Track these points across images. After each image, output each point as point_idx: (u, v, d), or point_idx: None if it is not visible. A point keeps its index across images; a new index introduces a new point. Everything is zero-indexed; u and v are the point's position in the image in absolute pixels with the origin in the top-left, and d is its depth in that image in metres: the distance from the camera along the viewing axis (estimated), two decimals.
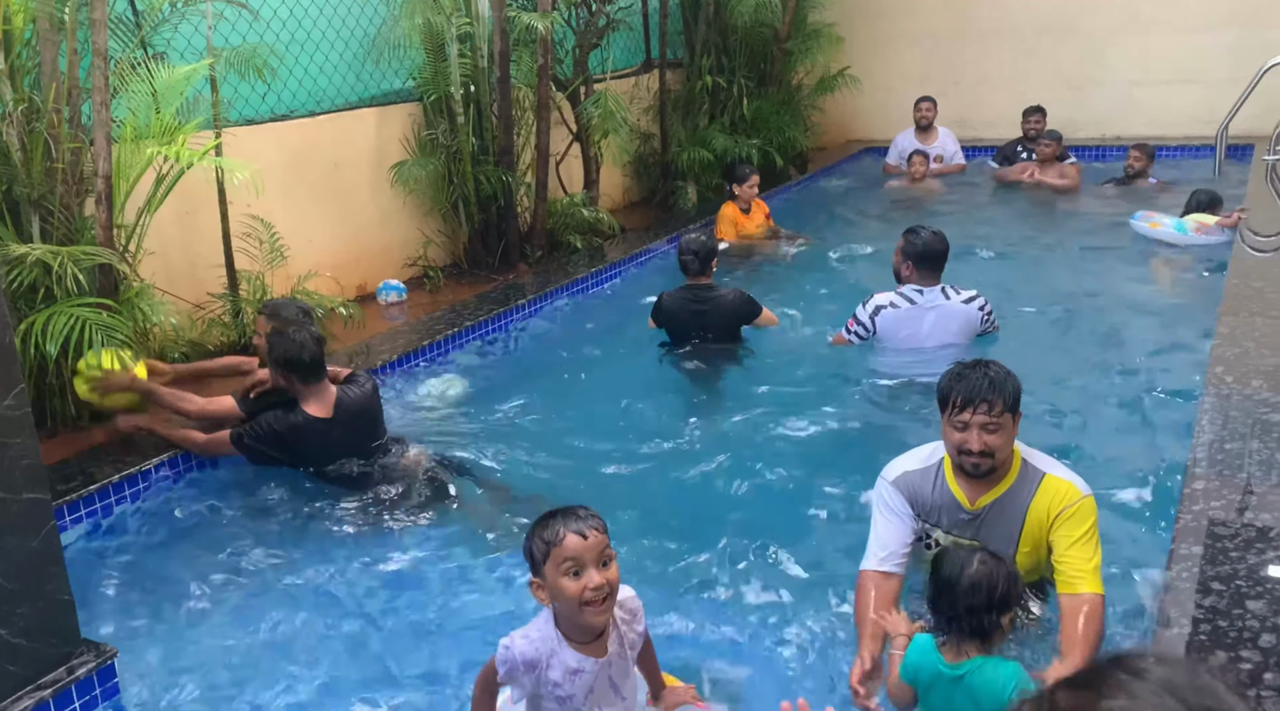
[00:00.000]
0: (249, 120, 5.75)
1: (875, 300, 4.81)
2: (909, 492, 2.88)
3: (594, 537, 2.14)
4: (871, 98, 11.42)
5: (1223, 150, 9.08)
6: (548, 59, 6.88)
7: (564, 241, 7.34)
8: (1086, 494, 2.75)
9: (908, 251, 4.71)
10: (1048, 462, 2.84)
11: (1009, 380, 2.73)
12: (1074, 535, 2.69)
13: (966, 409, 2.69)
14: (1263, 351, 4.25)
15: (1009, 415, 2.70)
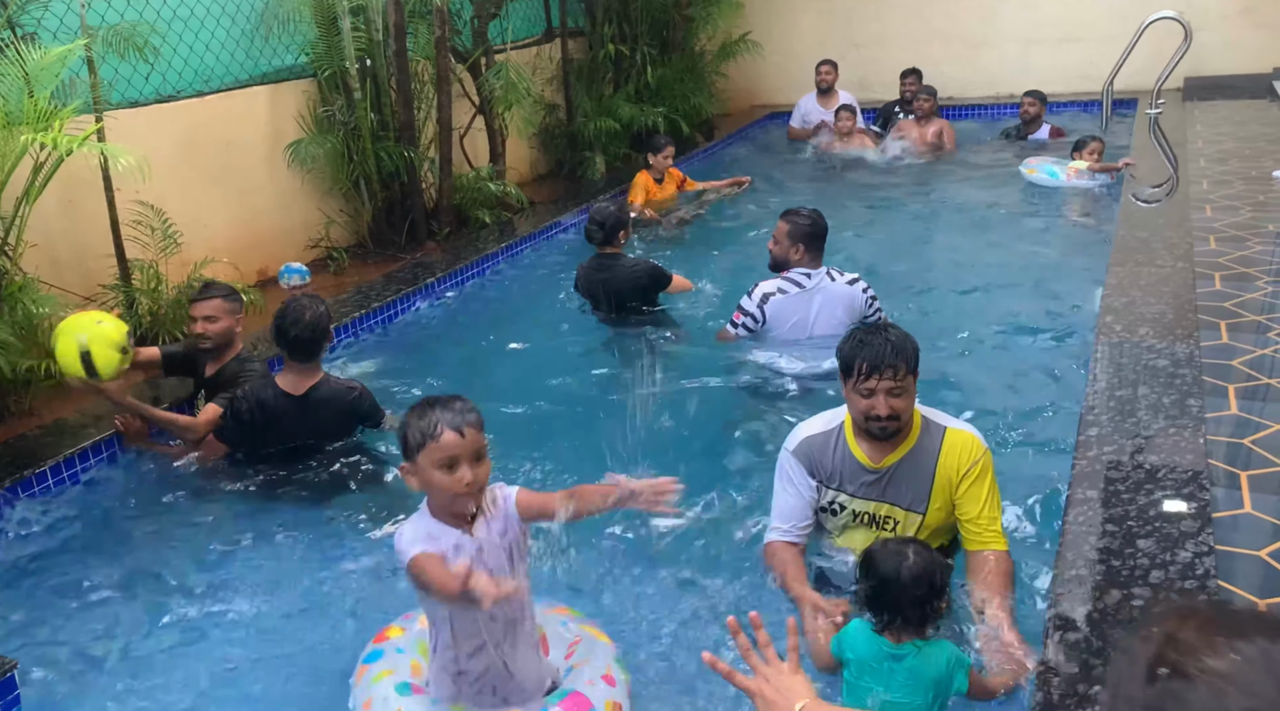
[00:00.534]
0: (133, 102, 5.52)
1: (761, 288, 4.49)
2: (809, 459, 2.90)
3: (470, 435, 2.20)
4: (773, 62, 11.51)
5: (1109, 105, 9.47)
6: (445, 30, 6.74)
7: (472, 217, 7.24)
8: (986, 447, 2.84)
9: (796, 233, 4.41)
10: (944, 417, 2.91)
11: (908, 342, 2.77)
12: (981, 495, 2.78)
13: (872, 375, 2.71)
14: (1148, 300, 4.45)
15: (911, 377, 2.75)
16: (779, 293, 4.46)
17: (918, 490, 2.83)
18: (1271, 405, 3.39)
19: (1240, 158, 6.99)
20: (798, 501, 2.90)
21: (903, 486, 2.82)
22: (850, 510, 2.89)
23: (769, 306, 4.46)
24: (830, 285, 4.45)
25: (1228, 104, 9.02)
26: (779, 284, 4.48)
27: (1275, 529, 2.70)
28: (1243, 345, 3.89)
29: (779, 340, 4.51)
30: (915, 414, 2.86)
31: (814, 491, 2.90)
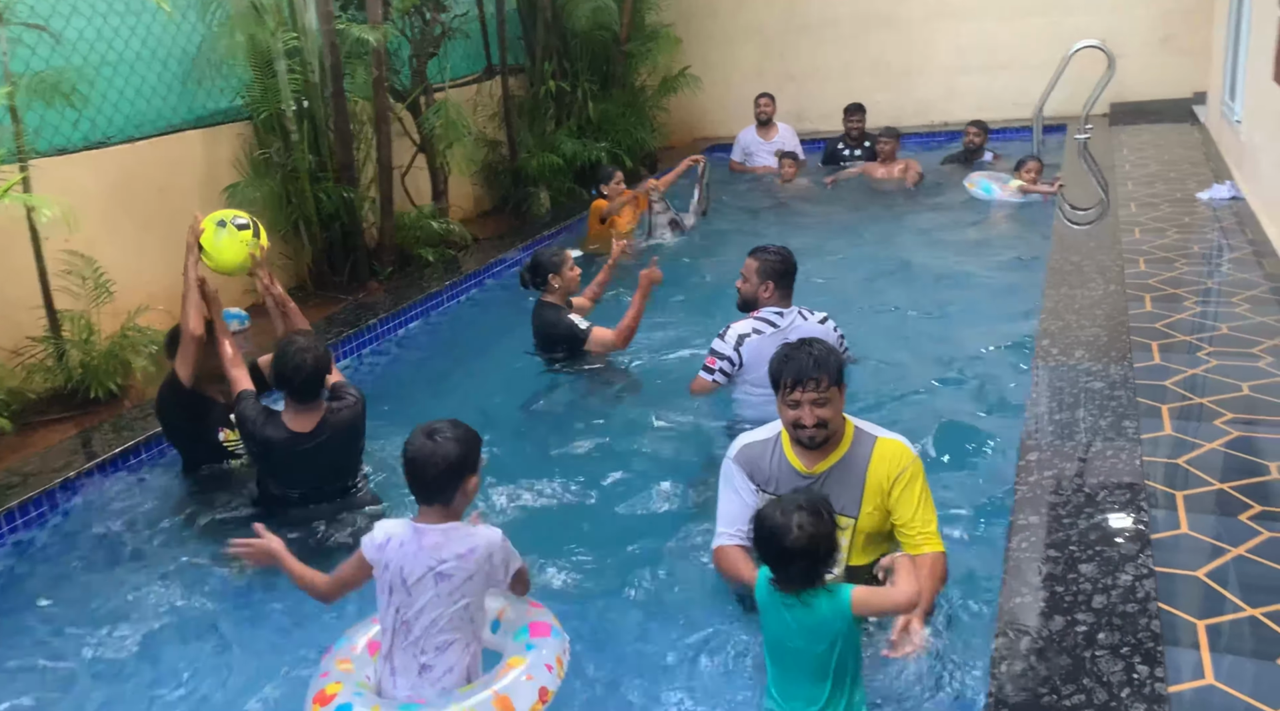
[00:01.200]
0: (61, 149, 5.40)
1: (735, 329, 4.25)
2: (749, 465, 3.05)
3: None
4: (712, 95, 11.66)
5: (1039, 130, 9.67)
6: (383, 71, 6.72)
7: (415, 255, 7.19)
8: (915, 455, 2.97)
9: (767, 271, 4.23)
10: (876, 428, 3.03)
11: (831, 356, 2.92)
12: (913, 500, 2.89)
13: (797, 388, 2.87)
14: (1083, 323, 4.54)
15: (835, 388, 2.89)
16: (754, 333, 4.21)
17: (850, 495, 2.93)
18: (1204, 425, 3.47)
19: (1165, 180, 7.21)
20: (741, 506, 3.00)
21: (835, 491, 2.89)
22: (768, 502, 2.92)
23: (745, 348, 4.20)
24: (803, 324, 4.24)
25: (1151, 128, 9.31)
26: (753, 324, 4.25)
27: (1212, 548, 2.75)
28: (1175, 365, 3.99)
29: (758, 383, 4.14)
30: (848, 424, 2.99)
31: (754, 495, 3.01)
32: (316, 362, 3.57)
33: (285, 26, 6.27)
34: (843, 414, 2.98)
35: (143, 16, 5.91)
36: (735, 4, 11.67)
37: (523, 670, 2.55)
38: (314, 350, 3.58)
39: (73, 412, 4.80)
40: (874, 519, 2.92)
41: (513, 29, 9.49)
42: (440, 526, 2.54)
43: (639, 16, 10.35)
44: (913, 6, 11.07)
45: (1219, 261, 5.36)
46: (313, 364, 3.56)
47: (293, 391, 3.61)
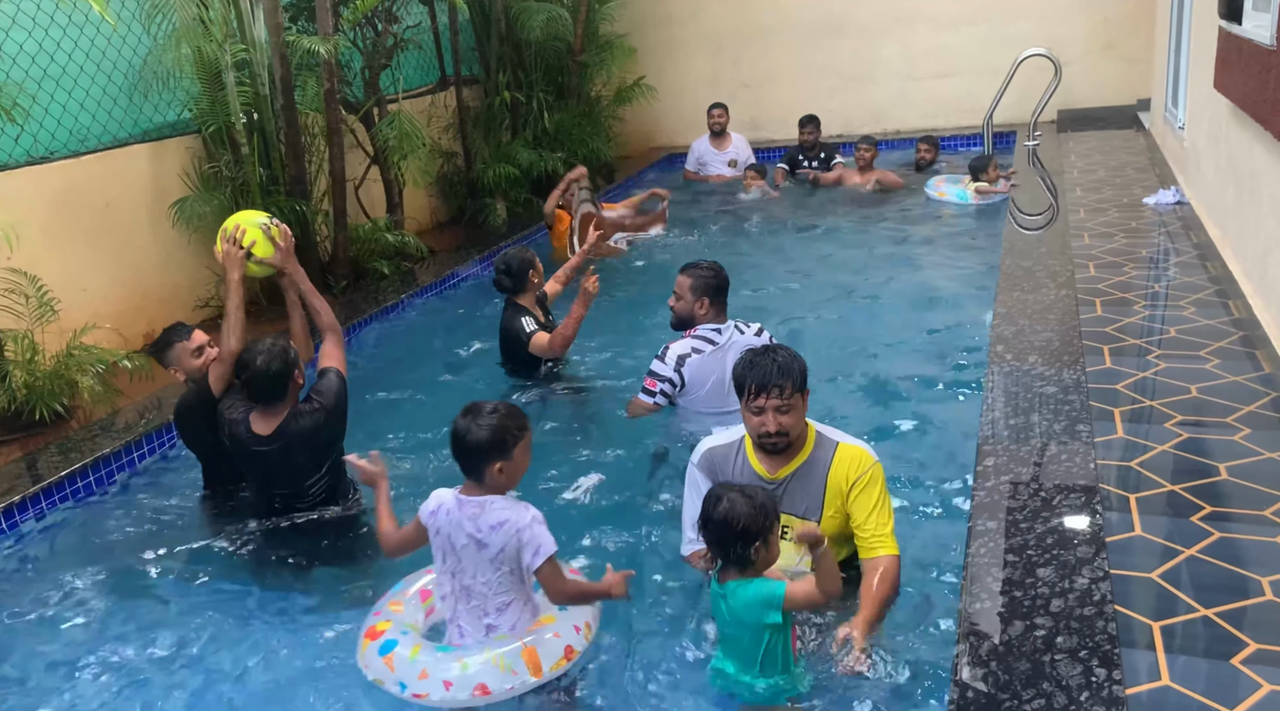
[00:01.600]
0: (2, 166, 5.28)
1: (674, 350, 4.15)
2: (711, 470, 3.07)
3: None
4: (667, 103, 11.71)
5: (990, 138, 9.86)
6: (334, 83, 6.65)
7: (370, 268, 7.12)
8: (876, 459, 2.99)
9: (701, 288, 4.14)
10: (838, 434, 3.06)
11: (795, 362, 2.93)
12: (870, 503, 2.92)
13: (760, 394, 2.88)
14: (1036, 327, 4.60)
15: (799, 395, 2.91)
16: (694, 353, 4.13)
17: (811, 500, 2.97)
18: (1155, 427, 3.53)
19: (1113, 186, 7.35)
20: None
21: (797, 496, 2.97)
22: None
23: (686, 368, 4.12)
24: (740, 338, 4.18)
25: (1098, 134, 9.50)
26: (692, 344, 4.16)
27: (1165, 550, 2.80)
28: (1125, 369, 4.05)
29: (699, 403, 4.17)
30: (810, 430, 3.02)
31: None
32: (271, 365, 3.52)
33: (233, 38, 6.19)
34: (805, 420, 3.00)
35: (86, 29, 5.80)
36: (689, 13, 11.72)
37: (552, 627, 2.79)
38: (271, 353, 3.53)
39: (17, 435, 4.68)
40: (835, 522, 2.96)
41: (466, 40, 9.46)
42: (478, 498, 2.74)
43: (593, 27, 10.36)
44: (864, 14, 11.19)
45: (1166, 265, 5.47)
46: (265, 366, 3.51)
47: (252, 393, 3.60)
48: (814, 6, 11.32)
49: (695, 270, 4.19)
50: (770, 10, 11.47)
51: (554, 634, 2.78)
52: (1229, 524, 2.89)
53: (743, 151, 10.12)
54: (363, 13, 6.97)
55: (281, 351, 3.56)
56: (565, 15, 9.30)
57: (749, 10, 11.54)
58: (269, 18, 6.21)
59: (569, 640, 2.79)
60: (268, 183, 6.50)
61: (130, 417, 4.79)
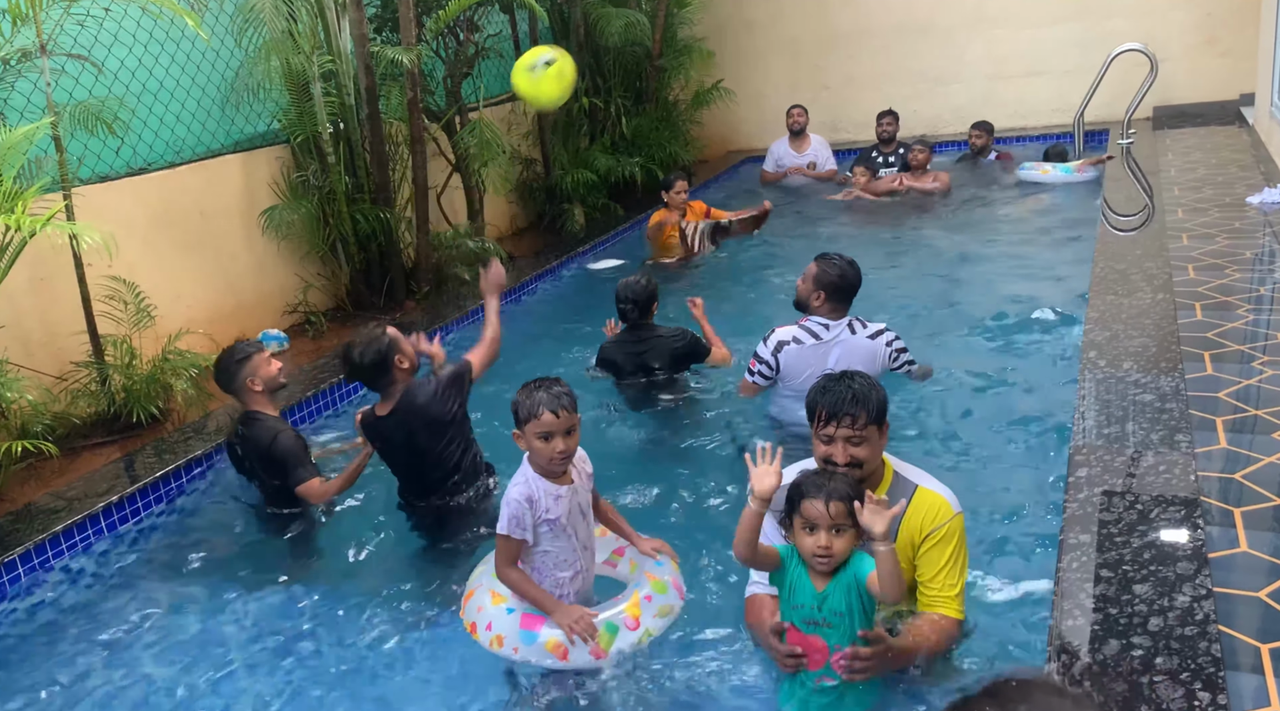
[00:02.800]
0: (103, 177, 5.49)
1: (777, 335, 4.24)
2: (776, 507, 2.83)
3: (564, 416, 2.79)
4: (746, 107, 11.64)
5: (1081, 136, 9.57)
6: (417, 92, 6.76)
7: (451, 274, 7.21)
8: (958, 511, 2.75)
9: (820, 280, 4.14)
10: (919, 474, 2.84)
11: (873, 392, 2.72)
12: (940, 560, 2.70)
13: (831, 422, 2.70)
14: (1130, 333, 4.42)
15: (874, 427, 2.70)
16: (794, 342, 4.19)
17: None
18: (1260, 437, 3.35)
19: (1213, 185, 7.04)
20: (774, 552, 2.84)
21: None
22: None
23: (783, 355, 4.20)
24: (850, 337, 4.16)
25: (1197, 132, 9.11)
26: (795, 332, 4.21)
27: (1273, 568, 2.65)
28: (1228, 376, 3.86)
29: (794, 392, 4.20)
30: (887, 467, 2.81)
31: (783, 540, 2.81)
32: (365, 356, 3.73)
33: (320, 50, 6.34)
34: (882, 455, 2.81)
35: (182, 44, 6.01)
36: (769, 17, 11.63)
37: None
38: (365, 344, 3.74)
39: (115, 436, 4.86)
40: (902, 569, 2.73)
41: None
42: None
43: (671, 31, 10.34)
44: (948, 14, 10.95)
45: (1271, 268, 5.20)
46: (360, 358, 3.73)
47: (362, 383, 3.88)
48: (895, 9, 11.12)
49: (823, 261, 4.19)
50: (851, 15, 11.31)
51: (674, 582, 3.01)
52: None
53: (821, 152, 10.01)
54: (445, 22, 7.08)
55: (374, 340, 3.75)
56: (644, 20, 9.31)
57: (828, 15, 11.40)
58: (355, 29, 6.36)
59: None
60: (353, 191, 6.65)
61: (221, 420, 4.92)
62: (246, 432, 3.97)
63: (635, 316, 4.88)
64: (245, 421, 4.00)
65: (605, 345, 5.02)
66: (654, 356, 4.87)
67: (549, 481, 2.87)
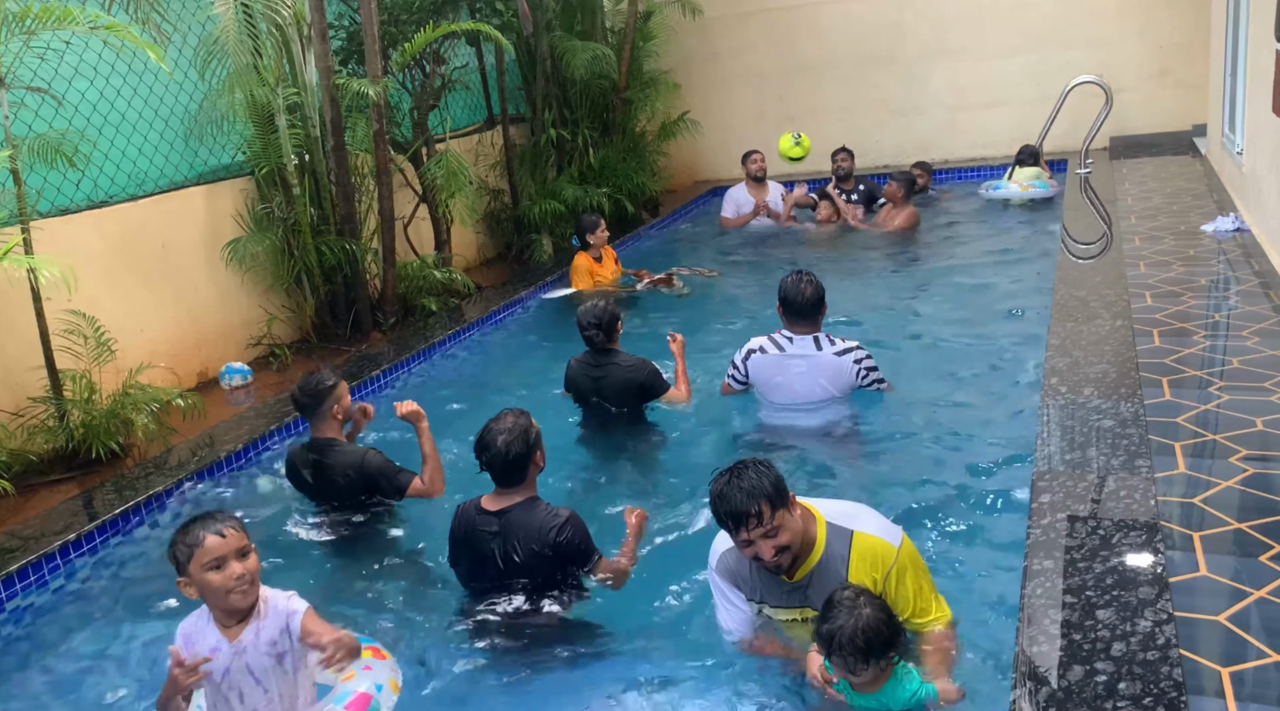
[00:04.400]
0: (63, 210, 5.44)
1: (750, 343, 4.60)
2: (731, 575, 2.89)
3: (231, 535, 2.54)
4: (713, 138, 11.76)
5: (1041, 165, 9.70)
6: (383, 124, 6.77)
7: (418, 305, 7.19)
8: (898, 544, 2.75)
9: (779, 296, 4.48)
10: (851, 517, 2.82)
11: (764, 478, 2.64)
12: (909, 593, 2.72)
13: (740, 528, 2.63)
14: (1091, 359, 4.48)
15: (781, 511, 2.64)
16: (760, 351, 4.54)
17: None
18: (1218, 462, 3.40)
19: (1169, 213, 7.18)
20: (738, 613, 2.91)
21: (821, 592, 2.67)
22: (777, 619, 2.88)
23: (751, 363, 4.55)
24: (817, 354, 4.42)
25: (1152, 161, 9.31)
26: (763, 342, 4.56)
27: (1232, 591, 2.68)
28: (1186, 401, 3.92)
29: (765, 396, 4.61)
30: (819, 525, 2.78)
31: (746, 604, 2.89)
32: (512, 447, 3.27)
33: (285, 82, 6.33)
34: (806, 514, 2.77)
35: (144, 77, 5.98)
36: (733, 49, 11.78)
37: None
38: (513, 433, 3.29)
39: (74, 473, 4.77)
40: None
41: (513, 79, 9.60)
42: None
43: (637, 64, 10.45)
44: (909, 47, 11.16)
45: (1226, 294, 5.31)
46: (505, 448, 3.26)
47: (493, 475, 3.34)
48: (858, 42, 11.31)
49: (785, 278, 4.47)
50: (814, 47, 11.49)
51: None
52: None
53: (779, 201, 9.59)
54: (410, 55, 7.10)
55: (523, 431, 3.31)
56: (609, 54, 9.39)
57: (792, 47, 11.57)
58: (320, 62, 6.36)
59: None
60: (318, 222, 6.62)
61: (183, 455, 4.85)
62: (325, 460, 3.99)
63: (602, 341, 4.83)
64: (320, 449, 4.01)
65: (570, 365, 5.02)
66: (609, 384, 4.81)
67: (216, 628, 2.58)
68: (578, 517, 3.29)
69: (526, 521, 3.25)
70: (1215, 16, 9.09)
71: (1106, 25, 10.41)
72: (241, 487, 4.68)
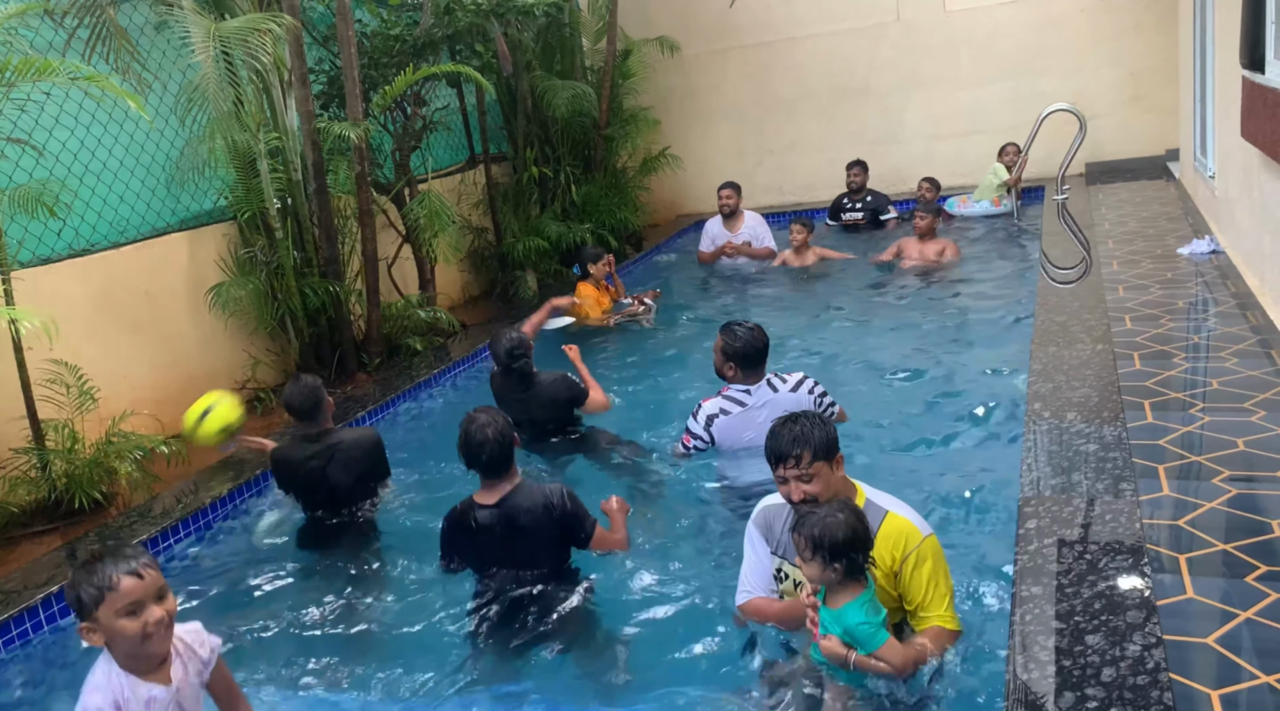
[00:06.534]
0: (44, 259, 5.43)
1: (705, 409, 4.44)
2: (766, 527, 3.10)
3: (149, 576, 2.28)
4: (693, 173, 11.87)
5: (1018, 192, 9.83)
6: (365, 166, 6.80)
7: (402, 345, 7.19)
8: (927, 534, 2.89)
9: (728, 351, 4.34)
10: (890, 501, 2.98)
11: (815, 430, 2.89)
12: (922, 582, 2.83)
13: (780, 465, 2.89)
14: (1073, 384, 4.51)
15: (822, 463, 2.88)
16: (721, 414, 4.39)
17: None
18: (1202, 483, 3.42)
19: (1145, 237, 7.27)
20: (759, 565, 3.10)
21: None
22: (793, 578, 3.02)
23: (715, 428, 4.41)
24: (774, 396, 4.36)
25: (1128, 186, 9.43)
26: (720, 404, 4.41)
27: (1221, 613, 2.68)
28: (1168, 424, 3.95)
29: (734, 456, 4.43)
30: (859, 493, 2.98)
31: (769, 557, 3.07)
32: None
33: (266, 127, 6.36)
34: (847, 483, 2.98)
35: (125, 125, 6.00)
36: (712, 85, 11.92)
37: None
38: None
39: (57, 524, 4.72)
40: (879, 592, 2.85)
41: (494, 119, 9.67)
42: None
43: (617, 101, 10.56)
44: (884, 78, 11.31)
45: (1204, 316, 5.36)
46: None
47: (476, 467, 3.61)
48: (833, 75, 11.46)
49: (728, 333, 4.37)
50: (791, 81, 11.62)
51: None
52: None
53: (758, 230, 9.56)
54: (391, 98, 7.16)
55: (501, 422, 3.58)
56: (589, 91, 9.49)
57: (769, 82, 11.71)
58: (301, 106, 6.40)
59: None
60: (301, 265, 6.62)
61: (167, 503, 4.82)
62: (337, 444, 4.41)
63: (528, 367, 5.10)
64: (326, 437, 4.42)
65: (494, 387, 5.28)
66: (537, 403, 5.09)
67: (140, 677, 2.33)
68: (567, 487, 3.64)
69: (528, 501, 3.53)
70: (1183, 43, 9.26)
71: (1079, 54, 10.59)
72: (228, 533, 4.65)
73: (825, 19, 11.36)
